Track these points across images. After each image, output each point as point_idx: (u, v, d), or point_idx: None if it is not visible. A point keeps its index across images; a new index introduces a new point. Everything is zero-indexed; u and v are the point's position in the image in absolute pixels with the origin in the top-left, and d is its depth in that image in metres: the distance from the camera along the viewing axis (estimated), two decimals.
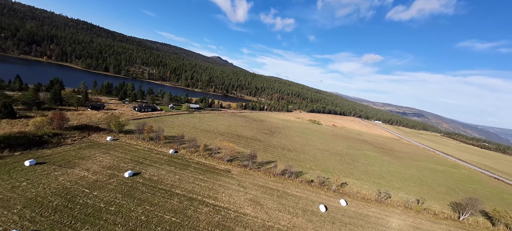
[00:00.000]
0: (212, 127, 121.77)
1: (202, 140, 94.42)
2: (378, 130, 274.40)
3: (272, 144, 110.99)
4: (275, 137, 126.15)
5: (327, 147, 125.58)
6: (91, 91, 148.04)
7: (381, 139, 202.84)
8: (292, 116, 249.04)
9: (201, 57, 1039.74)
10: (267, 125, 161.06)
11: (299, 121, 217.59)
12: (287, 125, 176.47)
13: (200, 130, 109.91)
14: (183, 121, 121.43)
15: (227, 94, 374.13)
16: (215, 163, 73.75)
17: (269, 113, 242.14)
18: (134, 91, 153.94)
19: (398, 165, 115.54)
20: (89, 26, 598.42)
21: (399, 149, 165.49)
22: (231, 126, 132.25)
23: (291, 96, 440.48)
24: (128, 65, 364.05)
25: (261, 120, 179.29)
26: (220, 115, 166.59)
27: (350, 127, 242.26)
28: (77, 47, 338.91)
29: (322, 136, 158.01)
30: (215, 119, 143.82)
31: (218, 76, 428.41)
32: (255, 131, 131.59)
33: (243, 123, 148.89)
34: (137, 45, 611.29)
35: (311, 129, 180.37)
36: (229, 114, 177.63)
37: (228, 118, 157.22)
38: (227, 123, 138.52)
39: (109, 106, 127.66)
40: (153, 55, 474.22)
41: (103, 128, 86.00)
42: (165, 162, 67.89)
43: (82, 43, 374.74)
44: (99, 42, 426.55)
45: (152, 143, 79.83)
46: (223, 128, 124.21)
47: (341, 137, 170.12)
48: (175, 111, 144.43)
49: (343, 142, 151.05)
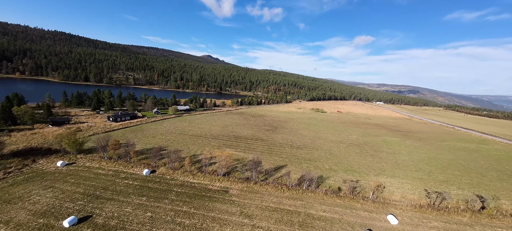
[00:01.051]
0: (204, 130, 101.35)
1: (191, 149, 74.29)
2: (384, 111, 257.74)
3: (278, 142, 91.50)
4: (280, 133, 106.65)
5: (340, 138, 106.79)
6: (59, 104, 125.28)
7: (392, 120, 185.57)
8: (292, 107, 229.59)
9: (191, 57, 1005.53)
10: (268, 120, 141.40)
11: (301, 111, 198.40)
12: (289, 118, 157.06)
13: (189, 136, 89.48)
14: (169, 127, 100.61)
15: (221, 91, 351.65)
16: (206, 180, 53.94)
17: (268, 107, 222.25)
18: (110, 99, 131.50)
19: (426, 150, 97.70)
20: (67, 36, 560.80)
21: (416, 129, 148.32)
22: (227, 126, 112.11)
23: (288, 87, 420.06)
24: (111, 72, 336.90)
25: (260, 115, 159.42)
26: (214, 114, 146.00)
27: (356, 111, 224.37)
28: (53, 59, 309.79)
29: (330, 125, 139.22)
30: (208, 120, 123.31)
31: (209, 74, 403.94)
32: (256, 129, 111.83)
33: (241, 121, 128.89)
34: (121, 51, 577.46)
35: (316, 118, 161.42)
36: (224, 113, 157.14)
37: (223, 117, 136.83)
38: (222, 123, 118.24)
39: (79, 119, 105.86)
40: (138, 59, 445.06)
41: (58, 150, 65.10)
42: (135, 190, 47.80)
43: (59, 54, 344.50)
44: (78, 51, 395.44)
45: (121, 163, 59.37)
46: (217, 129, 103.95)
47: (350, 123, 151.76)
48: (160, 116, 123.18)
49: (355, 129, 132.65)
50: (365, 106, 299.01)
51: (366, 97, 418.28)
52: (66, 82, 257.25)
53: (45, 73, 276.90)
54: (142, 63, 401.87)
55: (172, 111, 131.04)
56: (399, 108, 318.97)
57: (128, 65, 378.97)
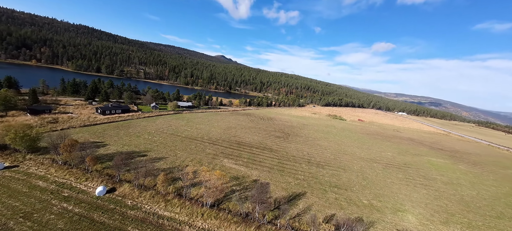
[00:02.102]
0: (202, 131, 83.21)
1: (177, 158, 55.99)
2: (412, 123, 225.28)
3: (291, 154, 70.79)
4: (293, 142, 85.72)
5: (372, 155, 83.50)
6: (51, 91, 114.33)
7: (426, 135, 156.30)
8: (306, 111, 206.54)
9: (205, 56, 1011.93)
10: (279, 124, 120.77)
11: (316, 117, 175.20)
12: (303, 123, 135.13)
13: (182, 138, 71.65)
14: (161, 125, 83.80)
15: (230, 91, 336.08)
16: (184, 215, 34.81)
17: (279, 109, 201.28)
18: (107, 90, 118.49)
19: (493, 180, 71.65)
20: (90, 30, 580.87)
21: (462, 149, 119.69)
22: (230, 129, 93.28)
23: (300, 90, 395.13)
24: (125, 65, 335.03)
25: (270, 118, 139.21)
26: (218, 114, 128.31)
27: (380, 121, 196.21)
28: (70, 49, 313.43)
29: (354, 136, 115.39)
30: (209, 120, 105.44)
31: (220, 72, 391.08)
32: (263, 134, 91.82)
33: (247, 123, 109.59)
34: (138, 47, 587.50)
35: (335, 126, 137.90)
36: (229, 113, 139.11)
37: (227, 118, 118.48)
38: (224, 125, 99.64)
39: (65, 108, 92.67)
40: (153, 54, 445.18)
41: (5, 146, 49.77)
42: (69, 223, 29.92)
43: (78, 46, 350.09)
44: (96, 44, 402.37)
45: (75, 172, 42.20)
46: (218, 132, 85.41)
47: (378, 135, 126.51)
48: (156, 111, 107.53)
49: (386, 143, 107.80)
50: (388, 116, 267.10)
51: (386, 106, 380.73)
52: (78, 72, 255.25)
53: (60, 62, 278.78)
54: (155, 58, 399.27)
55: (171, 107, 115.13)
56: (427, 120, 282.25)
57: (142, 59, 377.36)
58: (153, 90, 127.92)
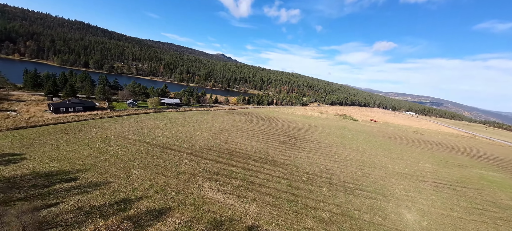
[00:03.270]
0: (184, 136, 62.21)
1: (130, 182, 34.33)
2: (427, 123, 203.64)
3: (303, 169, 49.91)
4: (303, 150, 64.85)
5: (408, 168, 62.59)
6: (7, 85, 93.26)
7: (452, 138, 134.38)
8: (311, 110, 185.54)
9: (205, 55, 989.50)
10: (282, 125, 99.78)
11: (324, 116, 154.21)
12: (311, 124, 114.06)
13: (150, 147, 50.64)
14: (128, 128, 62.72)
15: (228, 88, 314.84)
16: None
17: (281, 108, 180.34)
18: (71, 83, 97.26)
19: None
20: (85, 26, 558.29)
21: (504, 156, 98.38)
22: (222, 132, 72.31)
23: (302, 88, 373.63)
24: (117, 61, 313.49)
25: (271, 118, 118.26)
26: (210, 113, 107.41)
27: (394, 122, 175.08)
28: (59, 43, 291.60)
29: (375, 140, 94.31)
30: (197, 121, 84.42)
31: (218, 69, 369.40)
32: (264, 139, 70.95)
33: (244, 125, 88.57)
34: (136, 44, 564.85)
35: (349, 128, 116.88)
36: (224, 111, 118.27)
37: (221, 118, 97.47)
38: (216, 126, 78.61)
39: (13, 104, 71.74)
40: (149, 51, 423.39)
41: None
42: None
43: (68, 40, 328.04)
44: (89, 39, 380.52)
45: None
46: (204, 137, 64.41)
47: (401, 139, 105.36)
48: (131, 109, 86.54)
49: (415, 150, 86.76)
50: (399, 116, 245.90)
51: (392, 105, 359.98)
52: (63, 66, 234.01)
53: (45, 57, 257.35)
54: (151, 55, 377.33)
55: (152, 103, 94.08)
56: (439, 120, 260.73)
57: (136, 55, 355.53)
58: (132, 84, 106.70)
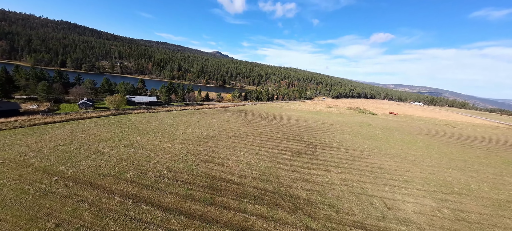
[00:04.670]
0: (137, 155, 37.39)
1: None
2: (451, 114, 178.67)
3: (347, 215, 25.96)
4: (330, 166, 40.76)
5: (501, 189, 39.38)
6: None
7: (493, 131, 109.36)
8: (318, 104, 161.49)
9: (200, 53, 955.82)
10: (290, 125, 75.26)
11: (335, 111, 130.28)
12: (325, 122, 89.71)
13: (58, 183, 26.02)
14: (48, 144, 37.88)
15: (224, 85, 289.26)
16: None
17: (284, 104, 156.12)
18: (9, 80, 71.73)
19: None
20: (72, 26, 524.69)
21: None
22: (206, 141, 47.66)
23: (302, 82, 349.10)
24: (101, 60, 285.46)
25: (274, 115, 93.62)
26: (195, 113, 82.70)
27: (415, 114, 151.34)
28: (36, 42, 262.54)
29: (415, 140, 70.27)
30: (172, 126, 59.53)
31: (212, 65, 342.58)
32: (269, 150, 46.52)
33: (239, 127, 63.91)
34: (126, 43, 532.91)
35: (372, 124, 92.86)
36: (215, 110, 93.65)
37: (209, 119, 72.67)
38: (198, 133, 53.76)
39: None
40: (139, 49, 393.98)
41: None
42: None
43: (48, 40, 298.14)
44: (73, 38, 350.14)
45: None
46: (174, 152, 39.66)
47: (443, 136, 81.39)
48: (80, 112, 61.79)
49: (474, 152, 63.09)
50: (415, 107, 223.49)
51: (398, 97, 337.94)
52: (36, 66, 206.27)
53: (19, 57, 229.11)
54: (141, 52, 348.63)
55: (113, 103, 69.12)
56: (457, 110, 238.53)
57: (123, 53, 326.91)
58: (88, 80, 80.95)
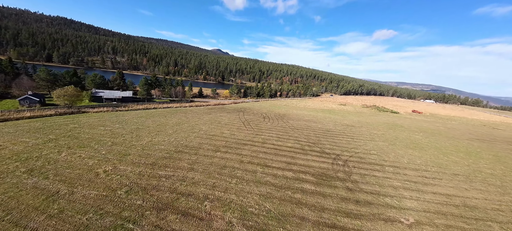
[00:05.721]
0: (31, 195, 19.45)
1: None
2: (480, 113, 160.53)
3: None
4: (390, 210, 21.48)
5: None
6: None
7: None
8: (328, 102, 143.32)
9: (201, 50, 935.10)
10: (301, 128, 56.53)
11: (350, 109, 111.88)
12: (344, 123, 71.02)
13: None
14: None
15: (223, 81, 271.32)
16: None
17: (288, 101, 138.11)
18: None
19: None
20: (68, 21, 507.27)
21: None
22: (179, 157, 28.60)
23: (306, 78, 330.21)
24: (93, 55, 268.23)
25: (280, 115, 74.96)
26: (178, 112, 64.82)
27: (441, 113, 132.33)
28: (23, 36, 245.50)
29: (471, 149, 52.04)
30: (134, 131, 40.69)
31: (211, 61, 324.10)
32: (283, 176, 27.81)
33: (234, 132, 45.40)
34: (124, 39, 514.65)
35: (403, 126, 73.90)
36: (206, 109, 75.71)
37: (194, 120, 54.56)
38: (167, 145, 32.79)
39: None
40: (135, 44, 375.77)
41: None
42: None
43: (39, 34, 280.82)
44: (65, 33, 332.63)
45: None
46: (111, 184, 21.00)
47: (495, 141, 62.82)
48: (13, 110, 44.55)
49: None
50: (432, 105, 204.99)
51: (407, 94, 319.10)
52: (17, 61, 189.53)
53: (2, 51, 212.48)
54: (136, 48, 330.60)
55: (64, 98, 51.55)
56: (476, 109, 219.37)
57: (118, 49, 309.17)
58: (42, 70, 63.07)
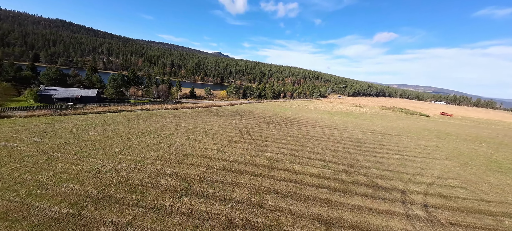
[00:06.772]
0: None
1: None
2: (497, 114, 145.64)
3: None
4: None
5: None
6: None
7: None
8: (340, 103, 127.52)
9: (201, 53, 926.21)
10: (320, 137, 39.92)
11: (369, 112, 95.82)
12: (374, 130, 53.83)
13: None
14: None
15: (222, 83, 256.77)
16: None
17: (294, 102, 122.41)
18: None
19: None
20: (66, 24, 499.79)
21: None
22: (102, 211, 13.70)
23: (309, 80, 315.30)
24: (87, 55, 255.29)
25: (287, 120, 58.54)
26: (152, 117, 48.91)
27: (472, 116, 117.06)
28: (12, 36, 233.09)
29: None
30: (62, 147, 23.97)
31: (210, 62, 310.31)
32: None
33: (224, 147, 29.03)
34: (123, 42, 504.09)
35: (454, 135, 56.95)
36: (194, 112, 59.86)
37: (170, 128, 38.41)
38: (96, 178, 17.15)
39: None
40: (132, 46, 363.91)
41: None
42: None
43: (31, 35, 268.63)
44: (60, 34, 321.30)
45: None
46: None
47: None
48: None
49: None
50: (451, 108, 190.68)
51: (416, 96, 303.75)
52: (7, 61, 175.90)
53: None
54: (133, 49, 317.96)
55: None
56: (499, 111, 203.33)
57: (113, 50, 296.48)
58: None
